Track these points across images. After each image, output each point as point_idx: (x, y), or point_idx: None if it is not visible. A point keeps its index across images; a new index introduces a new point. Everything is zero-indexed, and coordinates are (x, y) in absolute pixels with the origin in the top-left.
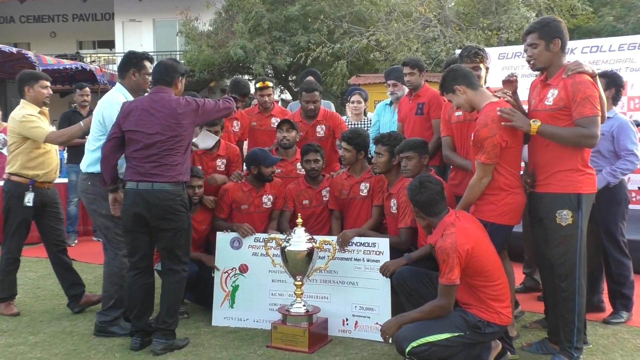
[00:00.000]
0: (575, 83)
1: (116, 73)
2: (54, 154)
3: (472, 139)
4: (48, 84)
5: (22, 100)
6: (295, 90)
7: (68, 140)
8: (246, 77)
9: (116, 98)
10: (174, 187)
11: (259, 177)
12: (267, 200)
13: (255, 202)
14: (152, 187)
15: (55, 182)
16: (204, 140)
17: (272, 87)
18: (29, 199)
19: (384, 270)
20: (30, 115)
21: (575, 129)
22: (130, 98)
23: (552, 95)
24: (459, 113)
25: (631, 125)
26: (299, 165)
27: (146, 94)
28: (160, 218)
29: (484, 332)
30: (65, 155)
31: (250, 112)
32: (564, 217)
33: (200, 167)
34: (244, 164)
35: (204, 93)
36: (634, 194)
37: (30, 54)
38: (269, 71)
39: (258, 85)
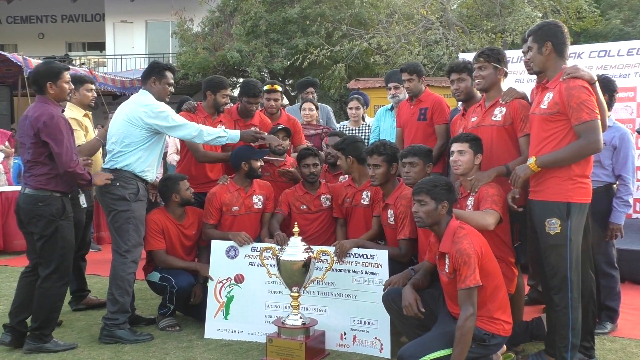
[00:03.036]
0: (568, 88)
1: (107, 75)
2: (99, 157)
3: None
4: (93, 87)
5: (68, 103)
6: (292, 94)
7: (90, 154)
8: (241, 80)
9: (146, 100)
10: (39, 193)
11: (250, 173)
12: (257, 200)
13: (246, 202)
14: (23, 192)
15: None
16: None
17: (281, 92)
18: (83, 200)
19: (390, 286)
20: (72, 119)
21: (572, 145)
22: (152, 100)
23: (547, 99)
24: (474, 118)
25: (631, 137)
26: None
27: None
28: (26, 222)
29: (489, 345)
30: None
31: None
32: (552, 226)
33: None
34: (232, 164)
35: (198, 97)
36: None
37: (15, 56)
38: (265, 74)
39: (266, 87)
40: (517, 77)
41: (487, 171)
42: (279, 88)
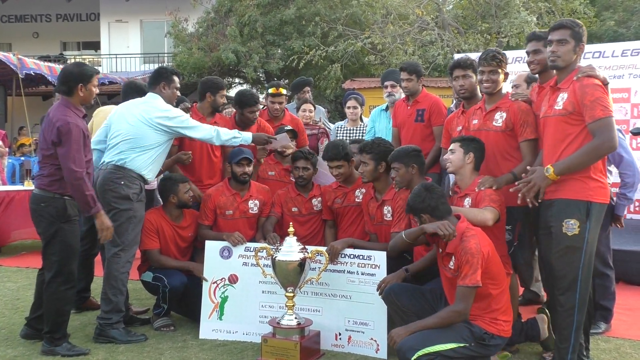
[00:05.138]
0: (582, 86)
1: (102, 75)
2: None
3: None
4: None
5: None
6: (288, 94)
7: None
8: (237, 80)
9: (161, 104)
10: (42, 193)
11: (233, 176)
12: (253, 205)
13: (241, 207)
14: (33, 191)
15: None
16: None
17: (286, 96)
18: None
19: (384, 285)
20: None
21: (587, 146)
22: (167, 105)
23: (561, 99)
24: (475, 121)
25: (621, 134)
26: None
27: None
28: (33, 221)
29: (488, 345)
30: None
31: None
32: (571, 226)
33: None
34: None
35: (193, 97)
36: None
37: (9, 56)
38: (260, 75)
39: (271, 91)
40: (511, 77)
41: (497, 178)
42: (284, 92)
